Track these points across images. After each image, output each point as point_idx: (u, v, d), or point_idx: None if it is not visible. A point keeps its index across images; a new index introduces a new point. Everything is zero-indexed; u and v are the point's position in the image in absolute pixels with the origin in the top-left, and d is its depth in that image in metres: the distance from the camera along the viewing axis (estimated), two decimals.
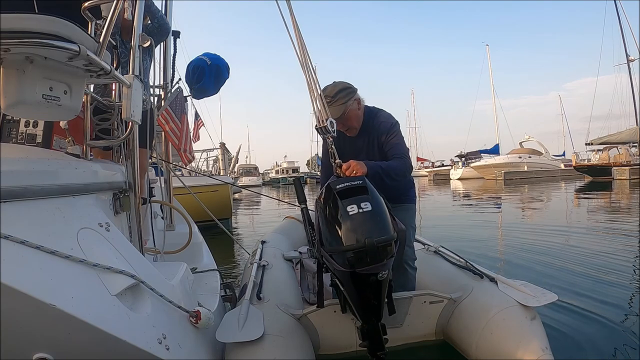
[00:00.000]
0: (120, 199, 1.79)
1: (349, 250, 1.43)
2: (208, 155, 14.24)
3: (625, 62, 24.89)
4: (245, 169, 43.84)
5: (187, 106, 3.75)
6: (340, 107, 2.10)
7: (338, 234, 1.47)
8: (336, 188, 1.57)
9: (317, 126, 1.94)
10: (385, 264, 1.45)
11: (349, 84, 2.21)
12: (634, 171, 19.57)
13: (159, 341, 1.20)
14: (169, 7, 3.54)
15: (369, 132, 2.22)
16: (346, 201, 1.50)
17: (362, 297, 1.56)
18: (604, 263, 3.89)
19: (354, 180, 1.63)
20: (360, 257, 1.42)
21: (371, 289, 1.51)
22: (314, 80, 1.98)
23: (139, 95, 1.71)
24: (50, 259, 1.02)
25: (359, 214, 1.45)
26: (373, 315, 1.60)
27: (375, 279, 1.47)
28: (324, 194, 1.66)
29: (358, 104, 2.20)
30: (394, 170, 2.03)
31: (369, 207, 1.47)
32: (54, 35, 1.09)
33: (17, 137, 1.99)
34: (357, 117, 2.20)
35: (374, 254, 1.40)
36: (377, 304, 1.57)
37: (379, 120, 2.21)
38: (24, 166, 1.14)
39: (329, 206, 1.57)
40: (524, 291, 1.91)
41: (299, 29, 2.02)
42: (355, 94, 2.19)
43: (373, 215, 1.46)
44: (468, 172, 31.68)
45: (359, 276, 1.47)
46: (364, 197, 1.51)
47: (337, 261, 1.49)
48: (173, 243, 2.58)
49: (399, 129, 2.21)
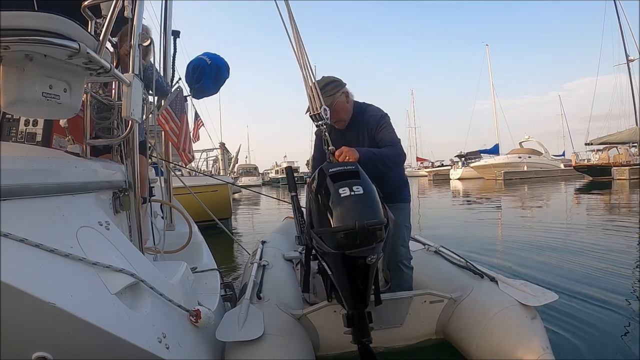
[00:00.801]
0: (120, 198, 1.79)
1: (339, 232, 1.45)
2: (208, 155, 14.25)
3: (625, 62, 24.87)
4: (245, 169, 43.81)
5: (187, 106, 3.74)
6: (328, 98, 2.14)
7: (329, 215, 1.50)
8: (329, 171, 1.60)
9: (311, 113, 1.97)
10: (374, 247, 1.48)
11: (337, 78, 2.27)
12: (634, 171, 19.56)
13: (158, 340, 1.20)
14: (169, 7, 3.54)
15: (359, 126, 2.27)
16: (338, 184, 1.53)
17: (349, 281, 1.58)
18: (604, 263, 3.89)
19: (346, 165, 1.66)
20: (350, 238, 1.44)
21: (359, 272, 1.54)
22: (309, 69, 2.02)
23: (139, 94, 1.70)
24: (49, 258, 1.01)
25: (350, 196, 1.48)
26: (359, 301, 1.62)
27: (363, 263, 1.50)
28: (316, 177, 1.68)
29: (346, 97, 2.25)
30: (387, 156, 2.06)
31: (360, 190, 1.50)
32: (54, 32, 1.08)
33: (17, 135, 1.98)
34: (345, 109, 2.24)
35: (364, 236, 1.43)
36: (363, 289, 1.59)
37: (368, 114, 2.25)
38: (24, 164, 1.14)
39: (321, 189, 1.60)
40: (524, 291, 1.91)
41: (293, 19, 2.04)
42: (343, 88, 2.24)
43: (364, 198, 1.49)
44: (468, 172, 31.67)
45: (348, 259, 1.50)
46: (356, 180, 1.54)
47: (327, 243, 1.52)
48: (173, 243, 2.57)
49: (388, 120, 2.25)
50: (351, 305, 1.64)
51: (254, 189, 16.62)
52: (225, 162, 14.85)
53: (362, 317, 1.63)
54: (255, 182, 39.51)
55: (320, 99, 1.93)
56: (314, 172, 1.79)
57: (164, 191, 3.37)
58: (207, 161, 14.66)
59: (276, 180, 46.82)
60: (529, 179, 25.01)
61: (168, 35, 3.52)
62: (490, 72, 39.61)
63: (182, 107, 3.44)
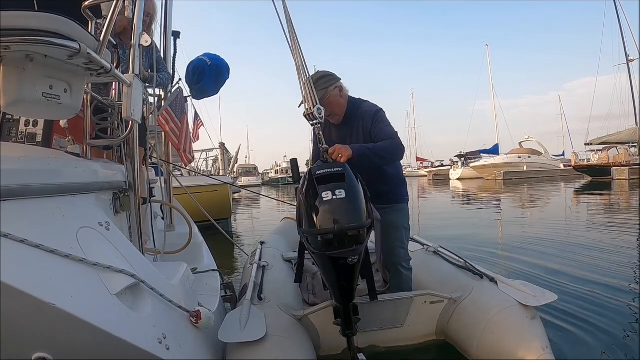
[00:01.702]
0: (121, 198, 1.78)
1: (319, 234, 1.51)
2: (207, 155, 14.24)
3: (625, 62, 24.87)
4: (245, 169, 43.79)
5: (187, 106, 3.74)
6: (321, 92, 2.16)
7: (313, 217, 1.55)
8: (316, 174, 1.64)
9: (305, 113, 1.99)
10: (355, 249, 1.53)
11: (331, 72, 2.28)
12: (634, 171, 19.56)
13: (159, 341, 1.19)
14: (169, 7, 3.54)
15: (353, 121, 2.27)
16: (322, 187, 1.57)
17: (334, 279, 1.65)
18: (604, 262, 3.89)
19: (333, 167, 1.69)
20: (329, 241, 1.50)
21: (342, 272, 1.60)
22: (304, 66, 2.02)
23: (139, 95, 1.70)
24: (50, 258, 1.01)
25: (332, 200, 1.52)
26: (344, 296, 1.68)
27: (344, 263, 1.55)
28: (306, 178, 1.72)
29: (340, 91, 2.26)
30: (383, 149, 2.06)
31: (343, 194, 1.54)
32: (55, 33, 1.08)
33: (17, 136, 1.98)
34: (338, 103, 2.25)
35: (342, 239, 1.48)
36: (347, 286, 1.65)
37: (363, 109, 2.26)
38: (24, 165, 1.14)
39: (308, 190, 1.63)
40: (523, 291, 1.91)
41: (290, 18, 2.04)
42: (338, 82, 2.25)
43: (345, 202, 1.53)
44: (467, 172, 31.67)
45: (330, 259, 1.56)
46: (340, 184, 1.58)
47: (310, 243, 1.59)
48: (173, 243, 2.57)
49: (384, 114, 2.25)
50: (338, 299, 1.71)
51: (253, 190, 16.60)
52: (225, 162, 14.84)
53: (347, 311, 1.71)
54: (255, 182, 39.52)
55: (315, 98, 1.95)
56: (305, 173, 1.82)
57: (164, 192, 3.37)
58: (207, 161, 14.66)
59: (276, 180, 46.85)
60: (528, 179, 25.01)
61: (168, 36, 3.52)
62: (490, 72, 39.70)
63: (182, 107, 3.43)
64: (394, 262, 2.28)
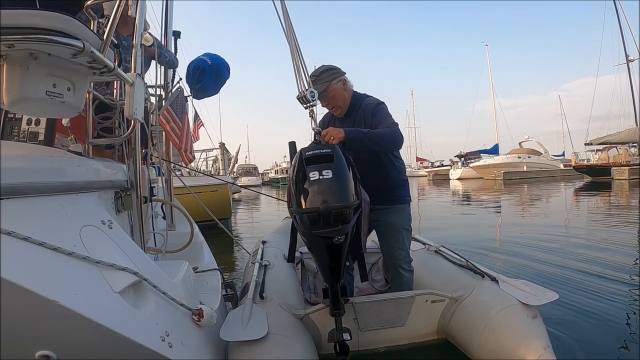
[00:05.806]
0: (122, 197, 1.79)
1: (305, 213, 1.55)
2: (207, 155, 14.25)
3: (625, 62, 24.90)
4: (245, 169, 43.72)
5: (187, 106, 3.74)
6: (324, 84, 2.19)
7: (301, 197, 1.58)
8: (305, 154, 1.66)
9: (298, 95, 2.01)
10: (341, 229, 1.56)
11: (336, 66, 2.30)
12: (634, 171, 19.57)
13: (162, 338, 1.19)
14: (169, 7, 3.54)
15: (356, 114, 2.30)
16: (310, 167, 1.60)
17: (322, 258, 1.69)
18: (605, 261, 3.89)
19: (322, 148, 1.71)
20: (315, 220, 1.54)
21: (328, 251, 1.64)
22: (298, 51, 2.05)
23: (142, 94, 1.70)
24: (53, 256, 1.01)
25: (319, 180, 1.56)
26: (332, 276, 1.71)
27: (330, 242, 1.59)
28: (297, 159, 1.73)
29: (344, 85, 2.28)
30: (378, 135, 2.06)
31: (329, 174, 1.57)
32: (58, 31, 1.08)
33: (20, 135, 1.98)
34: (342, 96, 2.27)
35: (327, 218, 1.52)
36: (334, 265, 1.68)
37: (365, 103, 2.29)
38: (27, 163, 1.14)
39: (296, 170, 1.66)
40: (525, 290, 1.91)
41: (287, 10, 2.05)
42: (342, 76, 2.28)
43: (332, 182, 1.56)
44: (467, 172, 31.67)
45: (317, 238, 1.60)
46: (328, 164, 1.60)
47: (299, 222, 1.63)
48: (174, 243, 2.57)
49: (385, 107, 2.27)
50: (326, 278, 1.74)
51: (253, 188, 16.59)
52: (225, 162, 14.84)
53: (334, 290, 1.74)
54: (255, 182, 39.46)
55: (306, 81, 1.97)
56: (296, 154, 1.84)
57: (164, 191, 3.37)
58: (207, 161, 14.66)
59: (276, 180, 46.78)
60: (528, 179, 25.02)
61: (169, 36, 3.53)
62: (490, 73, 39.66)
63: (182, 107, 3.44)
64: (394, 263, 2.28)
